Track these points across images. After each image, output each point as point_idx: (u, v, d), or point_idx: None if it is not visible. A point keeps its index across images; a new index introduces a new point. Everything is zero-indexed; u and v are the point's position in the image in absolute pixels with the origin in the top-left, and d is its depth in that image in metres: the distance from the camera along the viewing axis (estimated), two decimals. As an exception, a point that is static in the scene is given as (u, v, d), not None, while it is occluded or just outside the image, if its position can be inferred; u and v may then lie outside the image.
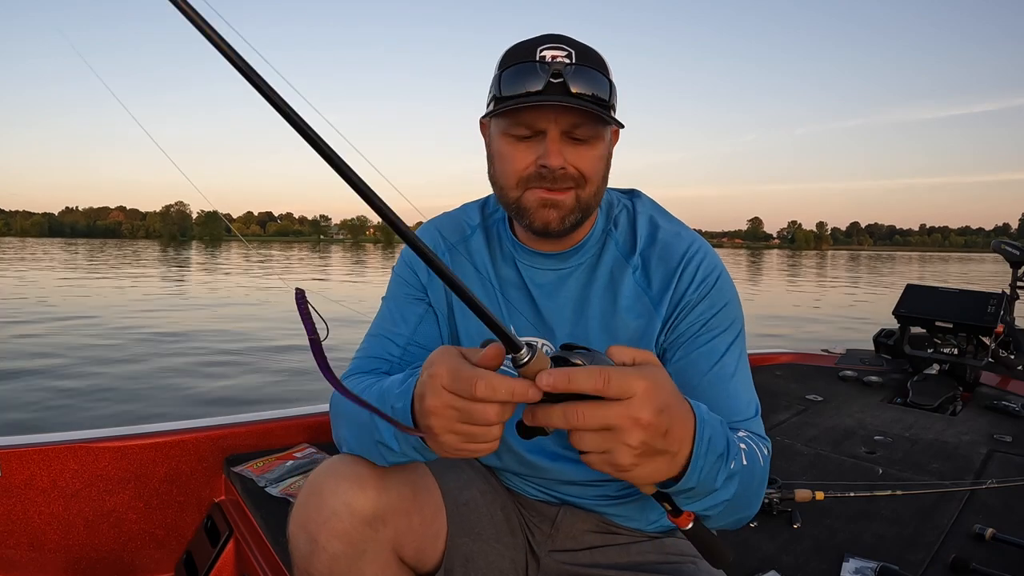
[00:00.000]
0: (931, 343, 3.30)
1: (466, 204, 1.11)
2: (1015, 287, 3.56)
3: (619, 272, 0.97)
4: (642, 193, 1.07)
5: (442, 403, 0.62)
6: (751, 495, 0.79)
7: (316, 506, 0.82)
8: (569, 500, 1.03)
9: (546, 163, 0.85)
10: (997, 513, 1.65)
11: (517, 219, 0.94)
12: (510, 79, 0.84)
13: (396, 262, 1.09)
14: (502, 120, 0.87)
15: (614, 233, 1.00)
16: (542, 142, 0.86)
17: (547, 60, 0.83)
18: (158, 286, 16.76)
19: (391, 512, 0.84)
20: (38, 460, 1.53)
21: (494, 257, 1.03)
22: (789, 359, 3.51)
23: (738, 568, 1.36)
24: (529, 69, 0.83)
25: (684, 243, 0.97)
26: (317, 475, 0.86)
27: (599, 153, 0.89)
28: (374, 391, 0.80)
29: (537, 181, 0.87)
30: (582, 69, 0.83)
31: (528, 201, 0.89)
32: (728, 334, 0.93)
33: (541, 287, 0.99)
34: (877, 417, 2.57)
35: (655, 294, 0.95)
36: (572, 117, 0.84)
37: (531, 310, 0.99)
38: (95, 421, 4.55)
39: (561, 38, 0.86)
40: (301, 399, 4.68)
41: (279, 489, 1.56)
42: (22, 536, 1.53)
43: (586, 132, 0.86)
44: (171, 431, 1.68)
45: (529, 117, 0.84)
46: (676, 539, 1.02)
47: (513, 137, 0.87)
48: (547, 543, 1.03)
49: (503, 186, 0.91)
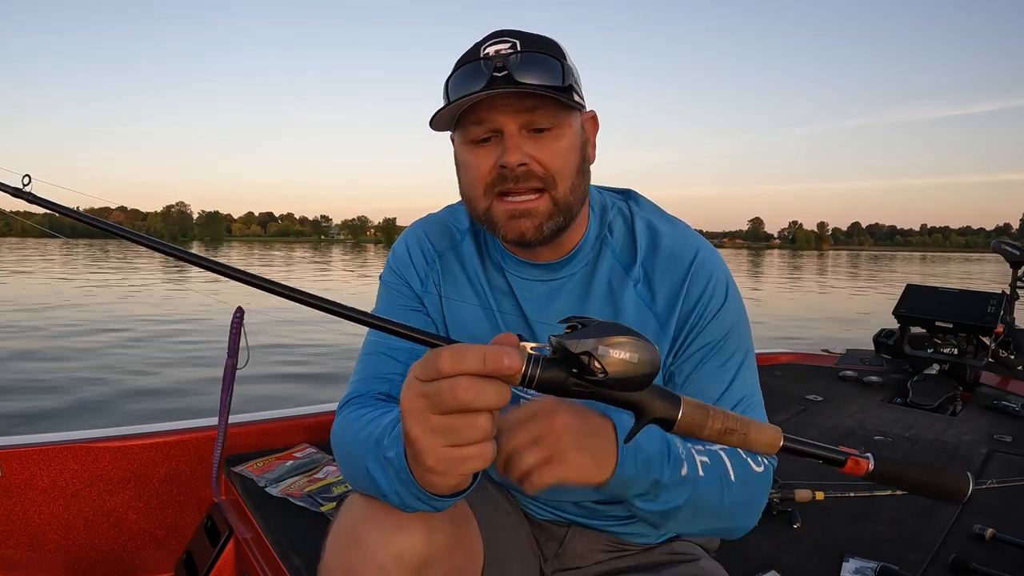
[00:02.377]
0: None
1: (452, 206, 1.03)
2: (1015, 287, 3.55)
3: (619, 285, 0.91)
4: (638, 194, 1.01)
5: (412, 395, 0.54)
6: (724, 505, 0.77)
7: (359, 560, 0.72)
8: (578, 521, 1.00)
9: (504, 161, 0.80)
10: (997, 513, 1.64)
11: (491, 232, 0.88)
12: (456, 83, 0.81)
13: (384, 269, 1.02)
14: (460, 129, 0.84)
15: (610, 240, 0.93)
16: (501, 143, 0.81)
17: (490, 55, 0.79)
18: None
19: (439, 554, 0.75)
20: (38, 460, 1.53)
21: (485, 264, 0.97)
22: (789, 359, 3.50)
23: (738, 568, 1.36)
24: (472, 68, 0.79)
25: (690, 250, 0.91)
26: (352, 521, 0.75)
27: (566, 144, 0.83)
28: (370, 435, 0.73)
29: (500, 185, 0.82)
30: (529, 55, 0.79)
31: (497, 213, 0.83)
32: (738, 355, 0.88)
33: (531, 300, 0.93)
34: (877, 417, 2.57)
35: (660, 311, 0.89)
36: (526, 108, 0.79)
37: (522, 323, 0.94)
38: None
39: (507, 32, 0.82)
40: (301, 399, 4.69)
41: (279, 489, 1.56)
42: (22, 536, 1.53)
43: (546, 120, 0.80)
44: (171, 431, 1.68)
45: (480, 117, 0.80)
46: (683, 540, 1.02)
47: (471, 144, 0.83)
48: (554, 563, 1.01)
49: (471, 197, 0.86)
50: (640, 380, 0.51)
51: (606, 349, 0.49)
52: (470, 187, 0.85)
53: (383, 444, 0.68)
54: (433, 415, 0.53)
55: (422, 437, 0.55)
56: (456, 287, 0.97)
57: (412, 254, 0.99)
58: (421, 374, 0.53)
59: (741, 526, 0.83)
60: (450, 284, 0.97)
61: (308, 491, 1.55)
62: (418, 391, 0.54)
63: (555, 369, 0.51)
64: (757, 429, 0.56)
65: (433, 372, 0.52)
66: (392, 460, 0.65)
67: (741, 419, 0.56)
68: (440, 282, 0.97)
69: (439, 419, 0.53)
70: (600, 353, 0.49)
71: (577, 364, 0.50)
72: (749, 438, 0.55)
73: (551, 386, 0.52)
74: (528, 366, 0.51)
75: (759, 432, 0.55)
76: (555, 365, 0.51)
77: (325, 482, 1.61)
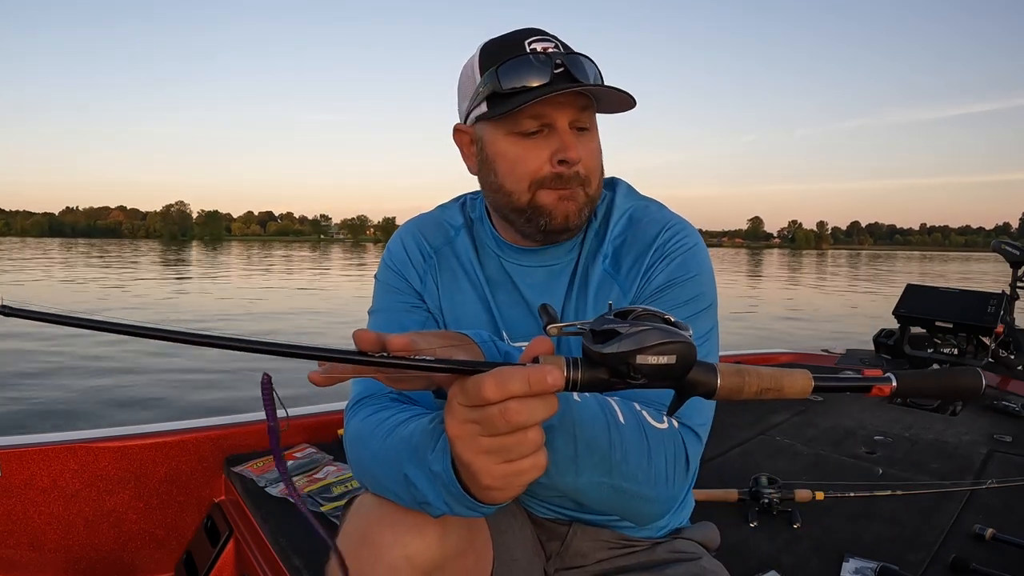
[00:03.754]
0: (931, 343, 3.30)
1: (443, 205, 1.05)
2: (1015, 287, 3.56)
3: (591, 263, 0.93)
4: (620, 180, 1.03)
5: (459, 421, 0.53)
6: (613, 447, 0.69)
7: (369, 560, 0.72)
8: (580, 518, 1.00)
9: (566, 156, 0.82)
10: (997, 513, 1.64)
11: (527, 221, 0.88)
12: (510, 73, 0.81)
13: (379, 268, 1.01)
14: (504, 120, 0.84)
15: (594, 223, 0.96)
16: (549, 137, 0.83)
17: (545, 51, 0.81)
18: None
19: (451, 557, 0.75)
20: (38, 460, 1.53)
21: (480, 258, 0.98)
22: (789, 359, 3.50)
23: (738, 568, 1.36)
24: (529, 61, 0.80)
25: (657, 224, 0.93)
26: (365, 522, 0.75)
27: (598, 144, 0.88)
28: (404, 440, 0.70)
29: (557, 181, 0.84)
30: (575, 56, 0.82)
31: (545, 200, 0.85)
32: (690, 307, 0.86)
33: (533, 286, 0.95)
34: (877, 417, 2.57)
35: (623, 278, 0.91)
36: (576, 106, 0.82)
37: (523, 310, 0.95)
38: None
39: (540, 31, 0.84)
40: (301, 399, 4.67)
41: (279, 489, 1.56)
42: (22, 536, 1.53)
43: (589, 120, 0.84)
44: (171, 431, 1.68)
45: (538, 111, 0.82)
46: (684, 539, 1.02)
47: (519, 135, 0.83)
48: (557, 561, 1.01)
49: (511, 190, 0.86)
50: (678, 374, 0.51)
51: (644, 358, 0.50)
52: (514, 179, 0.85)
53: (427, 457, 0.65)
54: (483, 438, 0.53)
55: (475, 460, 0.54)
56: (454, 281, 0.98)
57: (409, 251, 0.99)
58: (463, 401, 0.52)
59: (645, 493, 0.72)
60: (448, 279, 0.98)
61: (308, 491, 1.55)
62: (465, 417, 0.53)
63: (595, 370, 0.52)
64: (789, 379, 0.56)
65: (478, 400, 0.51)
66: (440, 475, 0.63)
67: (773, 374, 0.56)
68: (438, 278, 0.98)
69: (490, 441, 0.53)
70: (639, 362, 0.50)
71: (617, 372, 0.51)
72: (784, 390, 0.56)
73: (593, 387, 0.52)
74: (569, 372, 0.51)
75: (791, 380, 0.56)
76: (593, 367, 0.52)
77: (325, 482, 1.61)
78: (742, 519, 1.58)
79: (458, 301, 0.97)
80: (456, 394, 0.53)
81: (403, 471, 0.68)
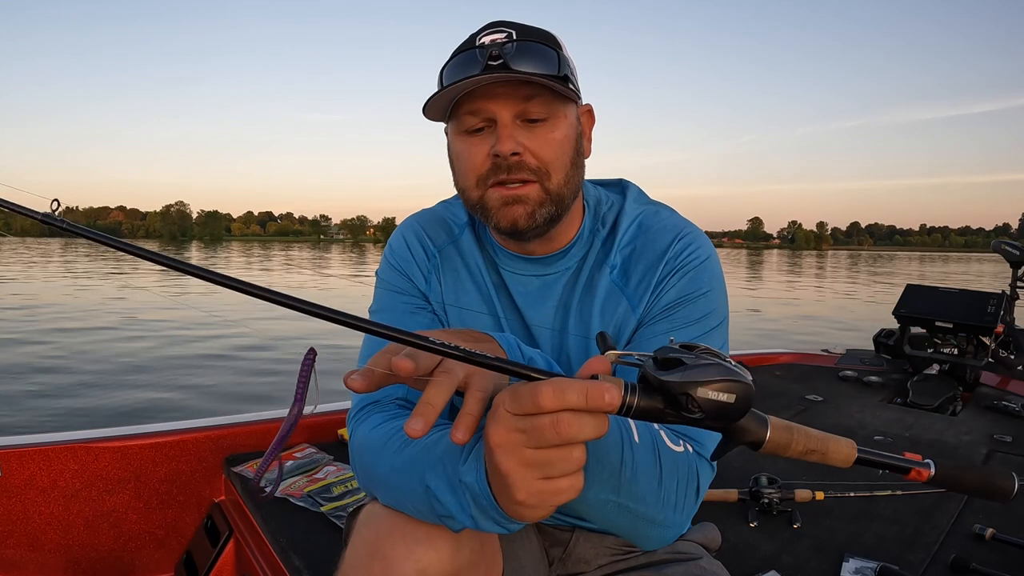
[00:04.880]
0: (931, 343, 3.30)
1: (447, 200, 1.01)
2: (1015, 287, 3.55)
3: (597, 273, 0.90)
4: (630, 184, 0.99)
5: (505, 429, 0.51)
6: (625, 466, 0.67)
7: (381, 574, 0.69)
8: (582, 524, 0.99)
9: (497, 150, 0.78)
10: (997, 513, 1.64)
11: (484, 221, 0.86)
12: (450, 71, 0.79)
13: (381, 265, 0.98)
14: (453, 119, 0.83)
15: (600, 232, 0.92)
16: (494, 133, 0.80)
17: (485, 44, 0.78)
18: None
19: (462, 571, 0.72)
20: (38, 460, 1.53)
21: (486, 257, 0.96)
22: (789, 359, 3.50)
23: (738, 568, 1.36)
24: (467, 56, 0.79)
25: (669, 233, 0.89)
26: (376, 533, 0.72)
27: (561, 135, 0.81)
28: (424, 450, 0.68)
29: (494, 175, 0.80)
30: (524, 44, 0.78)
31: (490, 200, 0.82)
32: (701, 325, 0.84)
33: (525, 295, 0.92)
34: (877, 417, 2.57)
35: (632, 291, 0.87)
36: (521, 97, 0.78)
37: (517, 318, 0.92)
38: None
39: (504, 23, 0.81)
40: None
41: (279, 489, 1.56)
42: (22, 536, 1.53)
43: (541, 110, 0.79)
44: (171, 431, 1.68)
45: (475, 106, 0.79)
46: (685, 540, 1.01)
47: (465, 133, 0.82)
48: (559, 567, 1.00)
49: (464, 187, 0.85)
50: (734, 415, 0.51)
51: (705, 391, 0.49)
52: (463, 177, 0.84)
53: (457, 467, 0.63)
54: (527, 449, 0.51)
55: (515, 471, 0.52)
56: (458, 281, 0.95)
57: (412, 249, 0.96)
58: (514, 408, 0.50)
59: (652, 516, 0.70)
60: (451, 279, 0.95)
61: (308, 491, 1.55)
62: (513, 426, 0.51)
63: (652, 399, 0.51)
64: (835, 445, 0.56)
65: (531, 407, 0.49)
66: (471, 485, 0.60)
67: (820, 437, 0.55)
68: (441, 277, 0.95)
69: (534, 453, 0.51)
70: (699, 395, 0.49)
71: (674, 402, 0.50)
72: (828, 454, 0.56)
73: (647, 414, 0.51)
74: (626, 396, 0.50)
75: (836, 447, 0.56)
76: (651, 394, 0.50)
77: (325, 482, 1.61)
78: (742, 519, 1.58)
79: (463, 303, 0.94)
80: (505, 400, 0.51)
81: (424, 482, 0.66)
